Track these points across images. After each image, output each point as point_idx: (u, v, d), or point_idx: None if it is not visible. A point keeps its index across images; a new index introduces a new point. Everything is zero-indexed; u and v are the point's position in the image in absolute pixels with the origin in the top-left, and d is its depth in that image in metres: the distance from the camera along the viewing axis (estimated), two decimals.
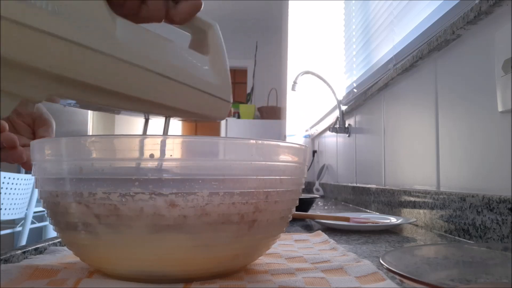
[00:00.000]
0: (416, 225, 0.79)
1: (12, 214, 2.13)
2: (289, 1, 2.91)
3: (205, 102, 0.39)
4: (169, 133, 0.34)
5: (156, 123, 0.42)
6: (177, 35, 0.41)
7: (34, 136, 0.49)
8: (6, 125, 0.43)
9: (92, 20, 0.30)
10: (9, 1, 0.25)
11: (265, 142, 0.34)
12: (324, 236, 0.58)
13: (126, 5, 0.34)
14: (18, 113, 0.47)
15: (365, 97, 1.25)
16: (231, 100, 0.42)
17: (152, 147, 0.30)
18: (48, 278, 0.35)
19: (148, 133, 0.40)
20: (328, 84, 1.71)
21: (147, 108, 0.36)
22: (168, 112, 0.38)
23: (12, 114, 0.46)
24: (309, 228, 0.75)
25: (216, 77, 0.39)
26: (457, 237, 0.64)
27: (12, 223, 2.39)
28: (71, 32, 0.28)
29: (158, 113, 0.38)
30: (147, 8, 0.35)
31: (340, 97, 1.72)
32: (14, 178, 2.09)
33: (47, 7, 0.27)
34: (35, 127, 0.49)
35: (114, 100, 0.34)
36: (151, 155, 0.30)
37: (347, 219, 0.76)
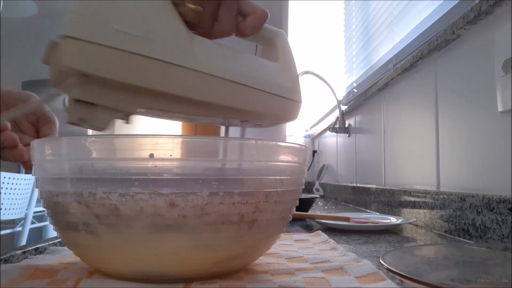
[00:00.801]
0: (416, 225, 0.79)
1: (12, 214, 2.13)
2: (289, 1, 2.91)
3: (277, 104, 0.42)
4: (169, 133, 0.35)
5: (156, 123, 0.43)
6: (247, 46, 0.45)
7: (38, 134, 0.50)
8: (8, 124, 0.43)
9: (174, 40, 0.35)
10: (107, 30, 0.31)
11: (265, 142, 0.34)
12: (324, 236, 0.58)
13: (201, 24, 0.37)
14: (22, 112, 0.47)
15: (365, 97, 1.25)
16: (301, 101, 0.44)
17: (152, 146, 0.30)
18: (48, 278, 0.35)
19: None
20: (328, 84, 1.71)
21: (226, 113, 0.40)
22: (243, 115, 0.41)
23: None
24: (309, 228, 0.75)
25: (286, 81, 0.43)
26: (457, 237, 0.64)
27: (12, 223, 2.39)
28: (157, 52, 0.33)
29: (235, 117, 0.41)
30: (219, 25, 0.38)
31: (340, 97, 1.72)
32: (14, 178, 2.09)
33: (137, 33, 0.32)
34: (39, 126, 0.50)
35: (195, 109, 0.38)
36: (151, 155, 0.30)
37: (347, 219, 0.76)
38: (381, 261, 0.32)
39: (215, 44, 0.38)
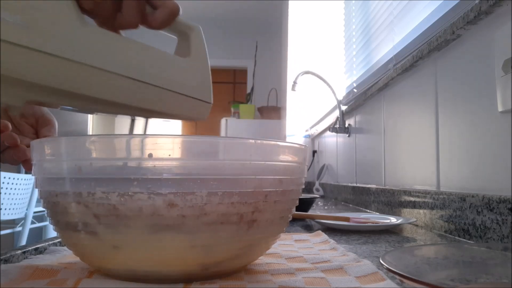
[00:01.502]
0: (416, 225, 0.79)
1: (12, 214, 2.13)
2: (289, 1, 2.91)
3: (183, 104, 0.40)
4: (168, 133, 0.35)
5: (155, 122, 0.43)
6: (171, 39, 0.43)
7: (37, 136, 0.50)
8: (8, 125, 0.43)
9: (61, 29, 0.32)
10: None
11: (264, 142, 0.34)
12: (324, 236, 0.58)
13: (100, 13, 0.35)
14: (21, 114, 0.48)
15: (365, 97, 1.25)
16: (211, 101, 0.42)
17: (151, 146, 0.30)
18: (48, 278, 0.35)
19: (134, 131, 0.42)
20: (328, 84, 1.71)
21: (125, 111, 0.38)
22: (144, 114, 0.39)
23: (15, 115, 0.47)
24: (309, 228, 0.75)
25: (194, 79, 0.41)
26: (457, 237, 0.64)
27: (12, 223, 2.39)
28: (40, 42, 0.30)
29: (136, 115, 0.39)
30: (122, 16, 0.36)
31: (340, 97, 1.72)
32: (14, 178, 2.09)
33: (16, 21, 0.29)
34: (38, 127, 0.50)
35: (90, 104, 0.35)
36: (150, 155, 0.30)
37: (347, 219, 0.76)
38: (381, 261, 0.32)
39: (114, 36, 0.36)
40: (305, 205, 0.98)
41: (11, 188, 2.08)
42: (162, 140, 0.31)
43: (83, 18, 0.34)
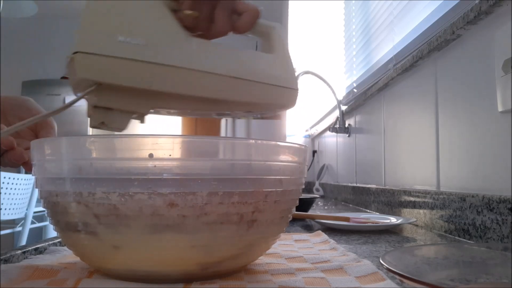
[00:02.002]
0: (416, 225, 0.79)
1: (12, 214, 2.13)
2: (289, 1, 2.91)
3: (275, 93, 0.45)
4: (168, 133, 0.35)
5: (154, 124, 0.45)
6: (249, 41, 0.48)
7: (36, 138, 0.50)
8: (3, 127, 0.44)
9: (174, 44, 0.38)
10: (112, 42, 0.35)
11: (264, 142, 0.34)
12: (324, 236, 0.58)
13: (199, 27, 0.40)
14: (20, 117, 0.48)
15: (365, 97, 1.25)
16: (298, 88, 0.47)
17: (151, 146, 0.30)
18: (48, 278, 0.35)
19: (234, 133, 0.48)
20: (328, 84, 1.71)
21: (228, 106, 0.43)
22: (245, 107, 0.44)
23: (14, 119, 0.49)
24: (309, 228, 0.75)
25: (282, 71, 0.46)
26: (457, 237, 0.64)
27: (12, 223, 2.39)
28: (159, 56, 0.37)
29: (238, 109, 0.45)
30: (216, 26, 0.41)
31: (340, 97, 1.72)
32: (14, 178, 2.09)
33: (139, 42, 0.36)
34: (37, 129, 0.51)
35: (200, 105, 0.42)
36: (150, 155, 0.30)
37: (347, 219, 0.76)
38: (381, 261, 0.32)
39: (213, 44, 0.41)
40: (305, 205, 0.98)
41: (11, 188, 2.08)
42: (163, 140, 0.31)
43: (187, 33, 0.39)
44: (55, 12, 3.68)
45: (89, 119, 0.37)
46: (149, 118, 0.44)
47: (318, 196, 1.11)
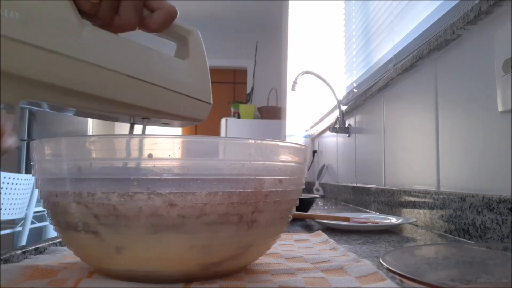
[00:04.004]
0: (416, 225, 0.79)
1: (12, 214, 2.13)
2: (289, 1, 2.91)
3: (183, 104, 0.40)
4: (169, 133, 0.35)
5: (152, 128, 0.43)
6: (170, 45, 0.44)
7: None
8: None
9: (59, 26, 0.32)
10: None
11: (264, 142, 0.34)
12: (324, 236, 0.58)
13: (99, 15, 0.36)
14: None
15: (365, 97, 1.25)
16: (211, 102, 0.43)
17: (150, 146, 0.30)
18: (48, 278, 0.35)
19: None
20: (328, 84, 1.71)
21: (124, 111, 0.38)
22: (144, 113, 0.39)
23: None
24: (309, 228, 0.75)
25: (194, 80, 0.41)
26: (457, 237, 0.64)
27: (12, 223, 2.39)
28: (39, 38, 0.31)
29: (136, 114, 0.39)
30: (119, 17, 0.37)
31: (340, 97, 1.72)
32: (14, 178, 2.09)
33: (15, 17, 0.30)
34: None
35: (88, 104, 0.36)
36: (150, 155, 0.30)
37: (347, 219, 0.76)
38: (381, 261, 0.32)
39: (111, 35, 0.36)
40: (305, 205, 0.98)
41: (11, 188, 2.08)
42: (162, 140, 0.31)
43: (80, 18, 0.34)
44: None
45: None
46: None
47: (318, 196, 1.11)
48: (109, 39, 0.36)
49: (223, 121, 3.42)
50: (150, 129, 0.42)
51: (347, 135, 1.56)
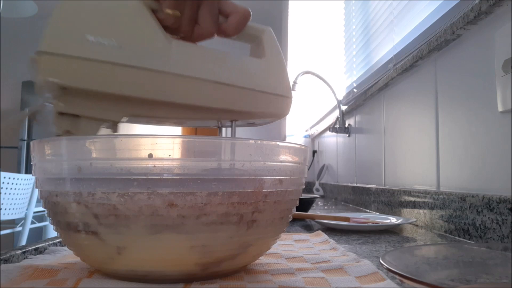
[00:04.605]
0: (416, 225, 0.79)
1: (12, 214, 2.13)
2: (289, 1, 2.91)
3: (265, 101, 0.42)
4: (169, 133, 0.35)
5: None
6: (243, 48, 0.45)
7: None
8: None
9: (150, 46, 0.35)
10: (81, 42, 0.32)
11: (264, 142, 0.34)
12: (324, 236, 0.58)
13: (182, 28, 0.38)
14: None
15: (365, 97, 1.25)
16: (291, 96, 0.44)
17: (151, 146, 0.30)
18: (48, 278, 0.35)
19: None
20: (328, 84, 1.71)
21: (213, 115, 0.40)
22: (231, 115, 0.41)
23: None
24: (309, 228, 0.75)
25: (273, 77, 0.43)
26: (457, 237, 0.64)
27: (12, 223, 2.39)
28: (132, 58, 0.34)
29: (223, 118, 0.41)
30: (200, 28, 0.38)
31: (340, 97, 1.72)
32: (14, 178, 2.09)
33: (111, 42, 0.33)
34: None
35: (180, 112, 0.38)
36: (150, 155, 0.30)
37: (347, 219, 0.76)
38: (381, 261, 0.32)
39: (195, 46, 0.39)
40: (305, 205, 0.98)
41: (11, 188, 2.08)
42: (162, 140, 0.31)
43: (166, 34, 0.36)
44: None
45: (54, 126, 0.35)
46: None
47: (318, 196, 1.11)
48: (194, 50, 0.38)
49: None
50: (151, 127, 0.43)
51: (347, 135, 1.56)
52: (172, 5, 0.36)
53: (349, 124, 1.54)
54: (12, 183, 2.09)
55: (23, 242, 2.23)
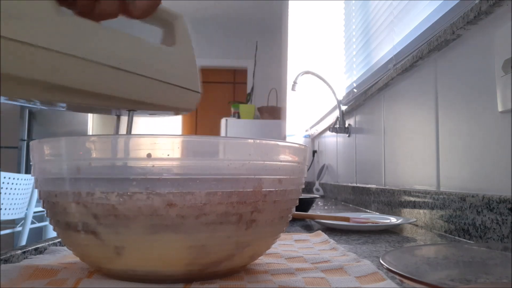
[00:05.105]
0: (416, 225, 0.79)
1: (12, 214, 2.13)
2: (289, 1, 2.91)
3: (170, 94, 0.39)
4: (168, 133, 0.35)
5: (154, 123, 0.43)
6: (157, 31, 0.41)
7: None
8: None
9: (38, 19, 0.31)
10: None
11: (264, 141, 0.33)
12: (324, 236, 0.58)
13: (78, 4, 0.34)
14: None
15: (365, 97, 1.25)
16: (199, 90, 0.41)
17: (149, 146, 0.30)
18: (48, 278, 0.35)
19: (119, 130, 0.41)
20: (328, 84, 1.71)
21: (110, 104, 0.36)
22: (131, 105, 0.38)
23: None
24: (309, 228, 0.75)
25: (181, 68, 0.40)
26: (457, 237, 0.64)
27: (12, 223, 2.39)
28: (17, 33, 0.30)
29: (122, 107, 0.38)
30: (100, 5, 0.35)
31: (340, 97, 1.72)
32: (14, 178, 2.09)
33: None
34: None
35: (74, 98, 0.34)
36: (149, 155, 0.30)
37: (347, 219, 0.76)
38: (381, 261, 0.32)
39: (93, 25, 0.35)
40: (305, 205, 0.98)
41: (11, 188, 2.08)
42: (161, 140, 0.30)
43: (59, 8, 0.33)
44: None
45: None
46: (148, 118, 0.42)
47: (318, 196, 1.11)
48: (89, 29, 0.34)
49: (223, 121, 3.42)
50: (151, 127, 0.42)
51: (347, 135, 1.56)
52: None
53: (349, 124, 1.54)
54: (12, 183, 2.09)
55: (23, 242, 2.23)
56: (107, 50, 0.35)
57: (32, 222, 2.39)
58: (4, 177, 2.02)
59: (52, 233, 2.61)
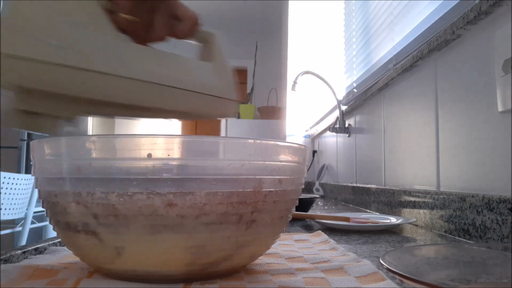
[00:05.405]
0: (416, 225, 0.79)
1: (12, 214, 2.13)
2: (289, 1, 2.91)
3: (212, 104, 0.44)
4: (168, 133, 0.36)
5: (154, 123, 0.45)
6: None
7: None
8: None
9: (101, 48, 0.36)
10: (34, 44, 0.33)
11: (264, 141, 0.33)
12: (324, 236, 0.58)
13: (136, 31, 0.39)
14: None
15: (365, 97, 1.25)
16: (236, 98, 0.46)
17: (150, 146, 0.30)
18: (48, 278, 0.35)
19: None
20: (328, 84, 1.71)
21: (162, 115, 0.42)
22: (178, 116, 0.44)
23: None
24: (309, 228, 0.75)
25: (220, 80, 0.45)
26: (457, 237, 0.64)
27: (12, 223, 2.39)
28: (82, 60, 0.34)
29: (171, 117, 0.44)
30: (153, 31, 0.40)
31: (340, 97, 1.72)
32: (14, 178, 2.09)
33: (61, 44, 0.34)
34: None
35: (131, 112, 0.40)
36: (149, 155, 0.30)
37: (347, 219, 0.76)
38: (381, 261, 0.32)
39: (145, 49, 0.40)
40: (305, 205, 0.98)
41: (11, 188, 2.08)
42: (161, 140, 0.30)
43: (119, 35, 0.38)
44: None
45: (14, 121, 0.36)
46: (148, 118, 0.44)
47: (318, 196, 1.11)
48: (144, 53, 0.39)
49: (223, 121, 3.42)
50: (151, 127, 0.43)
51: (347, 135, 1.56)
52: (128, 8, 0.37)
53: (349, 124, 1.54)
54: (12, 183, 2.09)
55: (23, 242, 2.23)
56: (158, 70, 0.40)
57: (32, 222, 2.38)
58: (4, 177, 2.02)
59: (52, 233, 2.61)
